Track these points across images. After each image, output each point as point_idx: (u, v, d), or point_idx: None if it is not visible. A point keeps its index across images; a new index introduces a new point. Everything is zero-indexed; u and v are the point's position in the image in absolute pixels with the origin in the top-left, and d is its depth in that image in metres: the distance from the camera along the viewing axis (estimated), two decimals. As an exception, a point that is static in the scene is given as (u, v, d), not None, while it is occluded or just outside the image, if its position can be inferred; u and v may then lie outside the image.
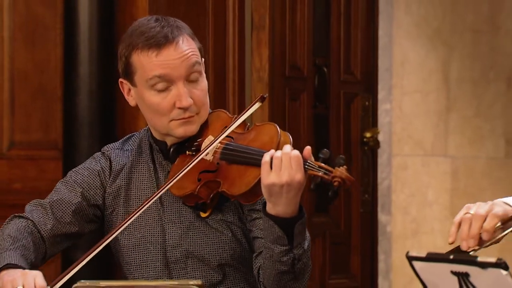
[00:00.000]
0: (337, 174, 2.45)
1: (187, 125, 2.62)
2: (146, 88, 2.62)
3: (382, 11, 5.17)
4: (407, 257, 2.14)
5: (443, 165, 5.83)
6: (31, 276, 2.52)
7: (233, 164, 2.56)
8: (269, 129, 2.57)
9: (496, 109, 6.04)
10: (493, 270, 2.02)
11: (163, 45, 2.58)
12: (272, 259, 2.50)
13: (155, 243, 2.67)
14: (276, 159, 2.44)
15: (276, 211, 2.47)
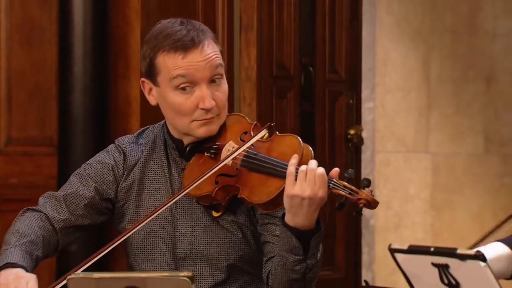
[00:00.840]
0: (363, 196, 2.44)
1: (208, 126, 2.60)
2: (170, 88, 2.59)
3: (365, 11, 5.17)
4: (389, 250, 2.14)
5: (424, 161, 5.84)
6: (24, 280, 2.51)
7: (254, 172, 2.53)
8: (292, 141, 2.54)
9: (475, 107, 6.05)
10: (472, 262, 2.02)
11: (190, 48, 2.56)
12: (285, 267, 2.50)
13: (165, 238, 2.65)
14: (301, 172, 2.43)
15: (295, 223, 2.46)
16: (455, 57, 5.95)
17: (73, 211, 2.68)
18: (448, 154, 5.95)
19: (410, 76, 5.76)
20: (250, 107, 4.40)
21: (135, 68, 4.19)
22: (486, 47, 6.08)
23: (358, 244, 4.88)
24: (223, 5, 4.39)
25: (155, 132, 2.74)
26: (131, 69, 4.17)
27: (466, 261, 2.03)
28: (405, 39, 5.73)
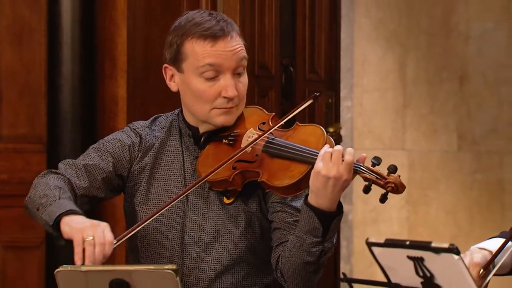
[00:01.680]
0: (391, 180, 2.48)
1: (227, 115, 2.60)
2: (195, 75, 2.58)
3: (344, 15, 5.17)
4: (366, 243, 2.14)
5: (401, 158, 5.85)
6: (100, 228, 2.44)
7: (276, 158, 2.51)
8: (315, 129, 2.55)
9: (449, 106, 6.06)
10: (446, 255, 2.02)
11: (219, 37, 2.56)
12: (301, 248, 2.48)
13: (175, 223, 2.63)
14: (327, 153, 2.43)
15: (318, 204, 2.45)
16: (430, 58, 5.96)
17: (92, 181, 2.65)
18: (423, 151, 5.96)
19: (387, 77, 5.77)
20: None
21: (121, 68, 4.18)
22: (460, 48, 6.10)
23: (336, 238, 4.88)
24: (206, 7, 4.38)
25: (169, 120, 2.71)
26: (118, 69, 4.16)
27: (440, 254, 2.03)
28: (382, 41, 5.73)
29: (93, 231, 2.43)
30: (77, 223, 2.46)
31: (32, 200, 2.59)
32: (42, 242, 4.22)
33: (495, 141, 6.28)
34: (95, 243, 2.41)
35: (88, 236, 2.42)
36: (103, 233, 2.43)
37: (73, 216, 2.50)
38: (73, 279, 2.24)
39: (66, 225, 2.48)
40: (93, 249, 2.41)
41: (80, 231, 2.43)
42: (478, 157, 6.21)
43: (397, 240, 2.11)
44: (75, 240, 2.43)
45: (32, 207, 2.58)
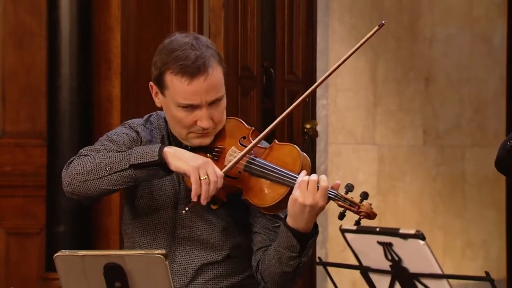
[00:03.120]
0: (363, 210, 2.43)
1: (204, 138, 2.58)
2: (174, 105, 2.57)
3: (319, 20, 5.17)
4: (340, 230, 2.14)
5: (371, 152, 5.86)
6: (210, 166, 2.47)
7: (256, 177, 2.50)
8: (291, 150, 2.53)
9: (415, 104, 6.07)
10: (413, 240, 2.03)
11: (195, 75, 2.52)
12: (280, 261, 2.50)
13: (167, 218, 2.62)
14: (303, 183, 2.43)
15: (295, 226, 2.46)
16: (398, 60, 5.97)
17: None
18: (392, 146, 5.97)
19: (359, 77, 5.78)
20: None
21: (116, 69, 4.17)
22: (425, 51, 6.11)
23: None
24: (194, 15, 4.38)
25: (160, 124, 2.69)
26: (112, 70, 4.15)
27: (407, 240, 2.03)
28: (354, 44, 5.70)
29: (206, 169, 2.45)
30: (189, 159, 2.47)
31: (87, 171, 2.53)
32: (42, 229, 4.21)
33: (457, 136, 6.30)
34: (210, 182, 2.44)
35: (203, 175, 2.44)
36: (214, 170, 2.46)
37: (173, 147, 2.51)
38: (70, 263, 2.23)
39: (177, 160, 2.48)
40: (208, 187, 2.44)
41: (195, 169, 2.45)
42: (442, 151, 6.23)
43: (367, 227, 2.12)
44: (193, 178, 2.45)
45: (92, 175, 2.52)
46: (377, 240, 2.10)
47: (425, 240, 2.03)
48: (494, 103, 6.32)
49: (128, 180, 2.51)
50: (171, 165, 2.48)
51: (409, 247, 2.06)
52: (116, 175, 2.50)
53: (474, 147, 6.35)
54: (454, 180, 6.29)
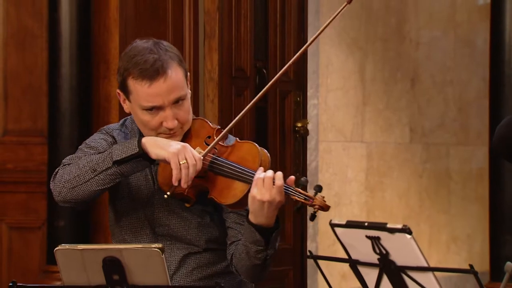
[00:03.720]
0: (317, 203, 2.44)
1: (172, 137, 2.57)
2: (139, 108, 2.58)
3: (310, 23, 5.17)
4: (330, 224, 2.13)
5: (360, 149, 5.85)
6: (188, 150, 2.48)
7: (219, 176, 2.51)
8: (251, 148, 2.53)
9: (402, 103, 6.08)
10: (400, 234, 2.02)
11: (155, 78, 2.53)
12: (248, 255, 2.51)
13: (145, 218, 2.63)
14: (259, 180, 2.43)
15: (257, 222, 2.47)
16: (386, 61, 5.97)
17: None
18: (380, 143, 5.97)
19: (348, 78, 5.78)
20: (212, 103, 4.39)
21: (114, 70, 4.16)
22: (411, 53, 6.11)
23: (304, 219, 4.88)
24: (189, 17, 4.38)
25: (134, 127, 2.70)
26: (110, 70, 4.14)
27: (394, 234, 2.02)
28: (344, 46, 5.74)
29: (185, 154, 2.46)
30: (168, 145, 2.48)
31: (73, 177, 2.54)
32: (43, 224, 4.20)
33: (442, 134, 6.31)
34: (189, 165, 2.45)
35: (182, 160, 2.45)
36: (192, 153, 2.47)
37: (149, 137, 2.52)
38: (70, 256, 2.22)
39: (156, 148, 2.49)
40: (188, 171, 2.44)
41: (175, 155, 2.46)
42: (428, 148, 6.23)
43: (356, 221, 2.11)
44: (173, 164, 2.45)
45: (79, 179, 2.53)
46: (365, 234, 2.09)
47: (412, 234, 2.03)
48: (476, 103, 6.33)
49: (115, 177, 2.52)
50: (151, 154, 2.49)
51: (396, 241, 2.05)
52: (102, 175, 2.51)
53: (458, 145, 6.35)
54: (439, 177, 6.30)
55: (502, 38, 4.04)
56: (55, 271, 3.76)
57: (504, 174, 4.14)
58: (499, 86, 4.06)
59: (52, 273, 3.99)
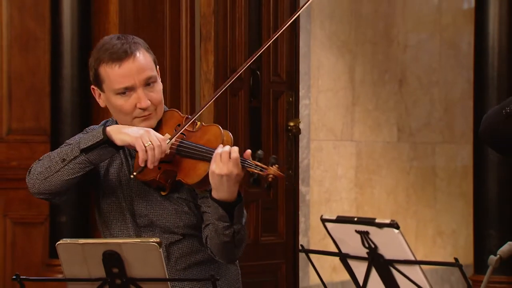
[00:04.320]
0: (271, 172, 2.44)
1: (147, 121, 2.59)
2: (113, 94, 2.58)
3: (302, 27, 5.17)
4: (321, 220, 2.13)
5: (350, 148, 5.85)
6: (152, 133, 2.49)
7: (186, 158, 2.53)
8: (214, 130, 2.54)
9: (390, 104, 6.08)
10: (388, 229, 2.02)
11: (124, 58, 2.55)
12: (217, 232, 2.51)
13: (126, 210, 2.63)
14: (217, 155, 2.45)
15: (219, 197, 2.47)
16: (374, 64, 5.97)
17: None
18: (369, 142, 5.97)
19: (338, 79, 5.77)
20: (208, 103, 4.37)
21: (114, 71, 4.15)
22: (399, 55, 6.11)
23: (296, 215, 4.88)
24: (186, 21, 4.37)
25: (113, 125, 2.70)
26: (110, 72, 4.13)
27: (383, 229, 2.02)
28: (334, 49, 5.73)
29: (148, 136, 2.47)
30: (131, 131, 2.50)
31: (45, 168, 2.56)
32: (46, 219, 4.19)
33: (428, 134, 6.31)
34: (154, 146, 2.46)
35: (147, 142, 2.46)
36: (155, 136, 2.48)
37: (114, 125, 2.55)
38: (71, 250, 2.22)
39: (120, 134, 2.51)
40: (154, 152, 2.46)
41: (138, 138, 2.47)
42: (414, 147, 6.24)
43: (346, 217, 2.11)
44: (138, 146, 2.47)
45: (50, 170, 2.55)
46: (355, 229, 2.08)
47: (399, 229, 2.02)
48: (461, 104, 6.34)
49: (84, 166, 2.53)
50: (116, 140, 2.50)
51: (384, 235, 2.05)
52: (72, 164, 2.52)
53: (443, 143, 6.36)
54: (426, 174, 6.30)
55: (485, 41, 4.03)
56: (57, 264, 3.75)
57: (488, 171, 4.13)
58: (482, 87, 4.05)
59: (54, 267, 3.99)
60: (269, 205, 4.77)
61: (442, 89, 6.34)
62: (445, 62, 6.34)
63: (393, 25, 6.05)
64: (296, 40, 4.82)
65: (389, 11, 6.03)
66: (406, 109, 6.17)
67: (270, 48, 4.70)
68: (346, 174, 5.82)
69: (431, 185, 6.33)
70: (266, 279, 4.69)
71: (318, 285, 5.43)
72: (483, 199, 4.08)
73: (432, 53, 6.29)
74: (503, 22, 4.00)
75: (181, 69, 4.39)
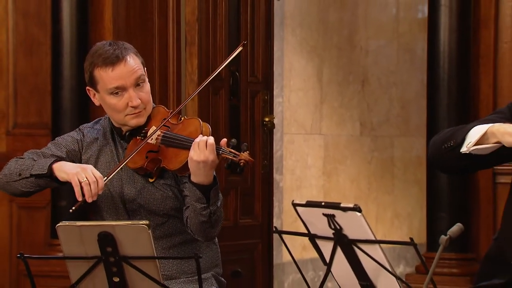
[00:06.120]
0: (242, 158, 2.46)
1: (138, 118, 2.60)
2: (106, 94, 2.59)
3: (276, 33, 5.16)
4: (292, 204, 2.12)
5: (318, 140, 5.86)
6: (89, 170, 2.48)
7: (170, 147, 2.54)
8: (194, 122, 2.57)
9: (353, 102, 6.09)
10: (351, 212, 2.01)
11: (116, 62, 2.57)
12: (195, 213, 2.51)
13: (117, 197, 2.63)
14: (195, 143, 2.46)
15: (197, 180, 2.48)
16: (340, 66, 5.97)
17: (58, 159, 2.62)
18: (335, 135, 5.98)
19: (308, 80, 5.77)
20: (193, 101, 4.36)
21: (108, 72, 4.13)
22: (361, 59, 6.12)
23: (270, 200, 4.87)
24: (173, 28, 4.36)
25: (105, 123, 2.72)
26: (105, 73, 4.11)
27: (347, 212, 2.02)
28: (304, 53, 5.73)
29: (85, 173, 2.46)
30: (70, 169, 2.49)
31: (8, 173, 2.58)
32: (48, 204, 4.16)
33: (387, 128, 6.33)
34: (89, 182, 2.44)
35: (83, 178, 2.45)
36: (92, 173, 2.47)
37: (61, 162, 2.54)
38: (70, 232, 2.20)
39: (60, 172, 2.50)
40: (89, 187, 2.44)
41: (75, 175, 2.46)
42: (375, 140, 6.25)
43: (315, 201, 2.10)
44: (73, 182, 2.46)
45: (10, 178, 2.57)
46: (322, 212, 2.08)
47: (361, 212, 2.02)
48: (416, 102, 6.36)
49: (34, 185, 2.56)
50: (58, 177, 2.51)
51: (348, 218, 2.05)
52: (24, 181, 2.55)
53: (400, 136, 6.38)
54: (385, 164, 6.32)
55: (437, 47, 4.05)
56: (58, 244, 3.71)
57: (439, 161, 4.14)
58: (434, 87, 4.07)
59: (55, 246, 3.96)
60: (247, 191, 4.77)
61: (399, 89, 6.36)
62: (402, 65, 6.36)
63: (356, 32, 6.06)
64: (270, 45, 4.82)
65: (353, 19, 6.03)
66: (368, 107, 6.18)
67: (248, 52, 4.71)
68: (315, 164, 5.83)
69: (389, 174, 6.35)
70: (244, 257, 4.69)
71: (290, 262, 5.44)
72: (435, 186, 4.10)
73: (391, 57, 6.30)
74: (453, 30, 4.02)
75: (168, 70, 4.38)
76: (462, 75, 4.03)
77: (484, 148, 2.23)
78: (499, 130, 2.19)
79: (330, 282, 2.92)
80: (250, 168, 4.68)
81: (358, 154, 6.12)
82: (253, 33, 4.74)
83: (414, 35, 6.38)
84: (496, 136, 2.19)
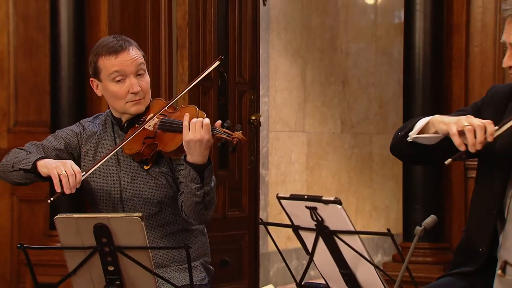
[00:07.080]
0: (236, 136, 2.45)
1: (138, 105, 2.60)
2: (109, 81, 2.58)
3: (262, 37, 5.16)
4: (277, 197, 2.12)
5: (302, 137, 5.87)
6: (68, 164, 2.46)
7: (167, 132, 2.54)
8: (191, 109, 2.56)
9: (335, 101, 6.10)
10: (332, 205, 2.01)
11: (119, 51, 2.58)
12: (190, 193, 2.49)
13: (114, 186, 2.61)
14: (192, 123, 2.45)
15: (193, 160, 2.47)
16: (322, 68, 5.98)
17: (47, 156, 2.62)
18: (317, 133, 5.99)
19: (292, 81, 5.78)
20: (183, 100, 4.35)
21: (104, 73, 4.12)
22: (342, 61, 6.13)
23: (257, 193, 4.87)
24: (165, 31, 4.35)
25: (105, 115, 2.72)
26: (101, 74, 4.10)
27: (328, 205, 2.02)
28: (289, 56, 5.73)
29: (64, 167, 2.45)
30: (51, 164, 2.48)
31: (5, 164, 2.59)
32: (47, 197, 4.14)
33: (366, 126, 6.34)
34: (68, 175, 2.43)
35: (61, 171, 2.44)
36: (71, 167, 2.46)
37: (45, 159, 2.52)
38: (67, 223, 2.20)
39: (42, 167, 2.49)
40: (67, 179, 2.43)
41: (54, 168, 2.45)
42: (355, 137, 6.26)
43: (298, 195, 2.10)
44: (52, 175, 2.45)
45: (5, 168, 2.58)
46: (305, 205, 2.08)
47: (342, 205, 2.02)
48: (393, 101, 6.38)
49: (24, 178, 2.56)
50: (40, 172, 2.50)
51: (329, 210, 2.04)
52: (16, 173, 2.55)
53: (378, 134, 6.40)
54: (364, 159, 6.34)
55: (413, 50, 4.06)
56: (56, 235, 3.70)
57: (415, 157, 4.15)
58: (410, 88, 4.08)
59: (54, 237, 3.94)
60: (235, 185, 4.76)
61: (378, 89, 6.38)
62: (380, 67, 6.38)
63: (337, 36, 6.07)
64: (257, 48, 4.82)
65: (334, 24, 6.04)
66: (348, 106, 6.19)
67: (235, 54, 4.70)
68: (298, 160, 5.84)
69: (368, 169, 6.37)
70: (232, 247, 4.69)
71: (275, 252, 5.44)
72: (411, 180, 4.11)
73: (369, 59, 6.32)
74: (427, 34, 4.03)
75: (161, 71, 4.37)
76: (436, 77, 4.04)
77: (426, 137, 2.25)
78: (436, 119, 2.22)
79: (312, 270, 2.92)
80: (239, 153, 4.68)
81: (339, 150, 6.13)
82: (241, 36, 4.74)
83: (391, 39, 6.40)
84: (434, 126, 2.22)
